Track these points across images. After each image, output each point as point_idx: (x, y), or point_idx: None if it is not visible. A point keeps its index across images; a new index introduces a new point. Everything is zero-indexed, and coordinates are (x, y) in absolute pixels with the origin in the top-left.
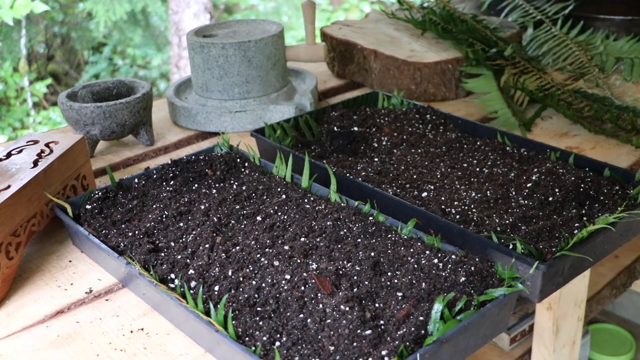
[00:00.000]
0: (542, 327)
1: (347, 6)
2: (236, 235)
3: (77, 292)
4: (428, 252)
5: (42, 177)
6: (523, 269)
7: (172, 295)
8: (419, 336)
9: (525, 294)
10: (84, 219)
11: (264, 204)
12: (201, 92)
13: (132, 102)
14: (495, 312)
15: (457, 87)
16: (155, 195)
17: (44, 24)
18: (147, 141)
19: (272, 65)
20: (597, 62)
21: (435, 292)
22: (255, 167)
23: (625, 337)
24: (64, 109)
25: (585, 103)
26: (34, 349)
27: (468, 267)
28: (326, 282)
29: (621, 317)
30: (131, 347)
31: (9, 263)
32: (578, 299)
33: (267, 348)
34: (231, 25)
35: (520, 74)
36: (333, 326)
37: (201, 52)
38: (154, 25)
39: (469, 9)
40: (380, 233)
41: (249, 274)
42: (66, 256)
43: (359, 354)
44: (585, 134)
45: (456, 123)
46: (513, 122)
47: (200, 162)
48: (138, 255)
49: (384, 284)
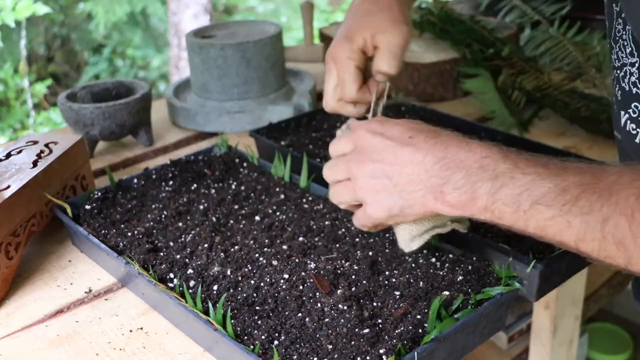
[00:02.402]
0: (540, 326)
1: (346, 7)
2: (235, 234)
3: (76, 291)
4: (425, 251)
5: (42, 178)
6: (520, 267)
7: (171, 295)
8: (417, 335)
9: (522, 293)
10: (83, 219)
11: (262, 204)
12: (200, 93)
13: (131, 102)
14: (492, 311)
15: (454, 88)
16: (155, 195)
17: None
18: (147, 141)
19: (270, 66)
20: (594, 63)
21: (433, 291)
22: (254, 167)
23: (623, 336)
24: (63, 109)
25: (582, 103)
26: (33, 348)
27: (465, 266)
28: (324, 281)
29: (619, 316)
30: (130, 346)
31: (9, 263)
32: (575, 297)
33: (265, 347)
34: (230, 26)
35: (518, 74)
36: (331, 325)
37: (200, 53)
38: (154, 26)
39: (467, 10)
40: (378, 232)
41: (248, 274)
42: (66, 256)
43: (356, 353)
44: (582, 134)
45: (454, 123)
46: (510, 122)
47: (199, 163)
48: (137, 255)
49: (381, 283)
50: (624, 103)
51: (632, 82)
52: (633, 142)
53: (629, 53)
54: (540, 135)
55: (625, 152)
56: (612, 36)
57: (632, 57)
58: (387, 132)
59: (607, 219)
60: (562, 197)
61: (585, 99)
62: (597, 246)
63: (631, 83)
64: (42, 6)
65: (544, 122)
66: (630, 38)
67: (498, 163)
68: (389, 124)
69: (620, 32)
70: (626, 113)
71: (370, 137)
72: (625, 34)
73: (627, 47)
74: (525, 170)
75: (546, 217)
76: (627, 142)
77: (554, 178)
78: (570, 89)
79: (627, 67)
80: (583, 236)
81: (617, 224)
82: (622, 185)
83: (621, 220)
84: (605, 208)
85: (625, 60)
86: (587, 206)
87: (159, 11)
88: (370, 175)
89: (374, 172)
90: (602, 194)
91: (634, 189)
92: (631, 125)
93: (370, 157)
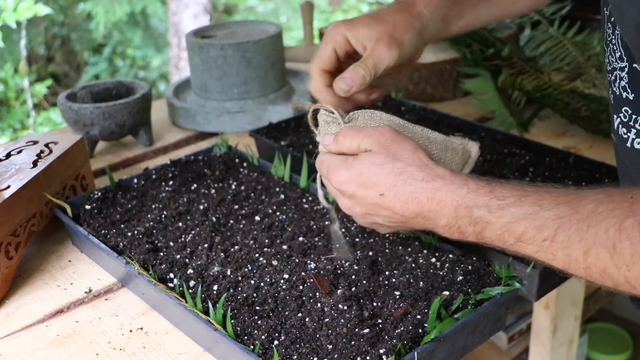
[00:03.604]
0: (540, 326)
1: (346, 7)
2: (235, 235)
3: (76, 291)
4: (426, 251)
5: (42, 178)
6: (520, 267)
7: (171, 295)
8: (417, 335)
9: (522, 293)
10: (83, 219)
11: (262, 204)
12: (200, 93)
13: (131, 102)
14: (492, 311)
15: (455, 88)
16: (155, 195)
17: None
18: (147, 141)
19: (270, 66)
20: (594, 63)
21: (433, 291)
22: (254, 167)
23: (623, 336)
24: (63, 109)
25: (582, 103)
26: (33, 348)
27: (465, 266)
28: (324, 281)
29: (619, 316)
30: (130, 346)
31: (9, 263)
32: (575, 297)
33: (265, 347)
34: (230, 26)
35: (518, 74)
36: (331, 325)
37: (200, 52)
38: (154, 26)
39: None
40: (378, 232)
41: (248, 274)
42: (66, 256)
43: (356, 353)
44: (582, 133)
45: (454, 123)
46: (510, 122)
47: (199, 163)
48: (137, 255)
49: (381, 283)
50: (616, 107)
51: (622, 87)
52: (624, 145)
53: (618, 57)
54: (540, 135)
55: (619, 155)
56: (604, 40)
57: (621, 62)
58: (358, 191)
59: (587, 251)
60: (541, 234)
61: (585, 99)
62: (583, 274)
63: (621, 87)
64: (43, 7)
65: (544, 122)
66: (619, 42)
67: (472, 210)
68: (356, 176)
69: (610, 37)
70: (618, 117)
71: (345, 188)
72: (614, 38)
73: (616, 51)
74: (498, 214)
75: (531, 251)
76: (619, 146)
77: (528, 217)
78: (570, 89)
79: (617, 71)
80: (568, 266)
81: (597, 256)
82: (599, 215)
83: (601, 252)
84: (584, 241)
85: (615, 64)
86: (566, 240)
87: (159, 11)
88: (362, 217)
89: (365, 217)
90: (580, 226)
91: (613, 218)
92: (622, 129)
93: (354, 203)
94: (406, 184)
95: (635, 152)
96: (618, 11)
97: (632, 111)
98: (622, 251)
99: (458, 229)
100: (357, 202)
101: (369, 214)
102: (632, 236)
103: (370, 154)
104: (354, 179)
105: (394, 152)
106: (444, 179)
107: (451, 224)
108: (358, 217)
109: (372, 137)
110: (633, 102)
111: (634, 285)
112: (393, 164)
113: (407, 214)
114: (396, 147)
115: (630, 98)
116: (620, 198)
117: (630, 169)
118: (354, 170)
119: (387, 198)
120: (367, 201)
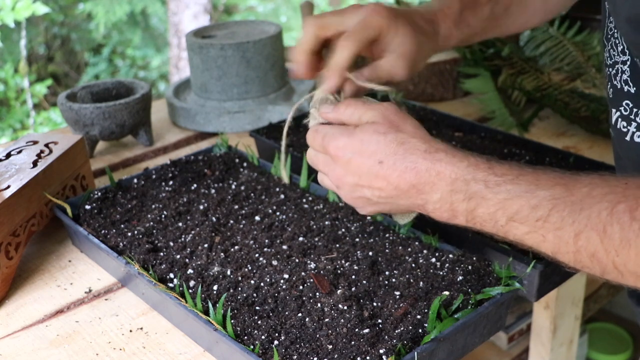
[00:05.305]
0: (540, 326)
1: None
2: (235, 235)
3: (76, 291)
4: (426, 251)
5: (42, 178)
6: (520, 267)
7: (171, 295)
8: (417, 335)
9: (522, 293)
10: (83, 219)
11: (262, 204)
12: (200, 93)
13: (131, 102)
14: (492, 311)
15: (455, 88)
16: (155, 195)
17: (44, 26)
18: (147, 141)
19: (270, 66)
20: (594, 63)
21: (433, 291)
22: (254, 167)
23: (623, 336)
24: (63, 109)
25: (582, 103)
26: (33, 348)
27: (465, 266)
28: (324, 281)
29: (619, 316)
30: (130, 346)
31: (9, 263)
32: (575, 297)
33: (265, 347)
34: (230, 26)
35: (518, 74)
36: (331, 325)
37: (200, 52)
38: (154, 26)
39: None
40: (378, 232)
41: (248, 274)
42: (65, 256)
43: (356, 353)
44: (582, 133)
45: (454, 123)
46: (510, 122)
47: (199, 162)
48: (137, 254)
49: (381, 283)
50: (616, 101)
51: (623, 80)
52: (623, 140)
53: (620, 51)
54: (540, 135)
55: (616, 150)
56: (605, 34)
57: (623, 55)
58: (355, 158)
59: (578, 233)
60: (535, 214)
61: (585, 99)
62: (572, 258)
63: (623, 81)
64: (41, 6)
65: (544, 122)
66: (622, 36)
67: (469, 184)
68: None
69: (612, 30)
70: (617, 111)
71: (342, 154)
72: (617, 32)
73: (619, 45)
74: (495, 190)
75: (522, 232)
76: (618, 140)
77: (524, 195)
78: (570, 89)
79: (619, 65)
80: (558, 249)
81: (588, 239)
82: (593, 198)
83: (592, 235)
84: (576, 223)
85: (617, 58)
86: (559, 221)
87: (159, 11)
88: (351, 190)
89: (354, 190)
90: (573, 208)
91: (606, 202)
92: (622, 123)
93: (347, 172)
94: (407, 153)
95: (635, 145)
96: (612, 5)
97: (633, 104)
98: (612, 235)
99: (450, 206)
100: (350, 170)
101: (359, 186)
102: (623, 221)
103: (373, 123)
104: (354, 145)
105: (397, 125)
106: (446, 152)
107: (444, 199)
108: (346, 188)
109: (375, 110)
110: (634, 95)
111: (622, 271)
112: (396, 134)
113: (401, 185)
114: (400, 120)
115: (632, 91)
116: (615, 183)
117: (628, 165)
118: (355, 137)
119: (386, 166)
120: (363, 169)
